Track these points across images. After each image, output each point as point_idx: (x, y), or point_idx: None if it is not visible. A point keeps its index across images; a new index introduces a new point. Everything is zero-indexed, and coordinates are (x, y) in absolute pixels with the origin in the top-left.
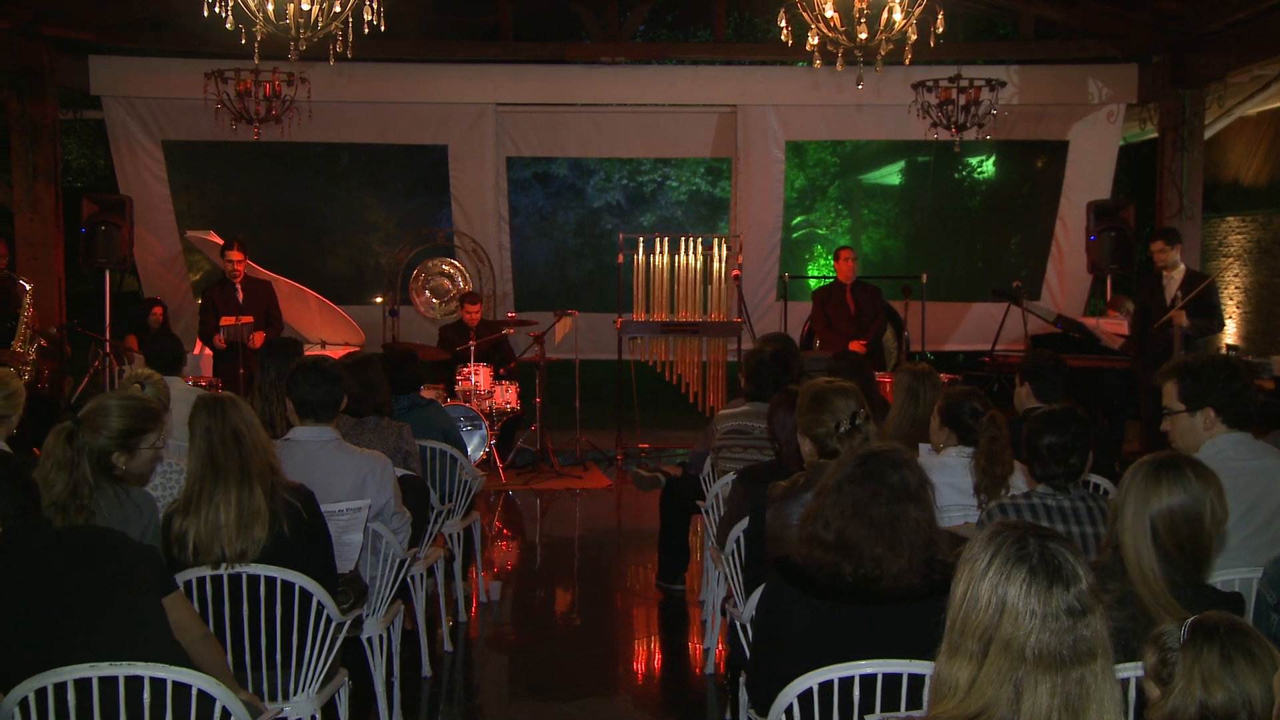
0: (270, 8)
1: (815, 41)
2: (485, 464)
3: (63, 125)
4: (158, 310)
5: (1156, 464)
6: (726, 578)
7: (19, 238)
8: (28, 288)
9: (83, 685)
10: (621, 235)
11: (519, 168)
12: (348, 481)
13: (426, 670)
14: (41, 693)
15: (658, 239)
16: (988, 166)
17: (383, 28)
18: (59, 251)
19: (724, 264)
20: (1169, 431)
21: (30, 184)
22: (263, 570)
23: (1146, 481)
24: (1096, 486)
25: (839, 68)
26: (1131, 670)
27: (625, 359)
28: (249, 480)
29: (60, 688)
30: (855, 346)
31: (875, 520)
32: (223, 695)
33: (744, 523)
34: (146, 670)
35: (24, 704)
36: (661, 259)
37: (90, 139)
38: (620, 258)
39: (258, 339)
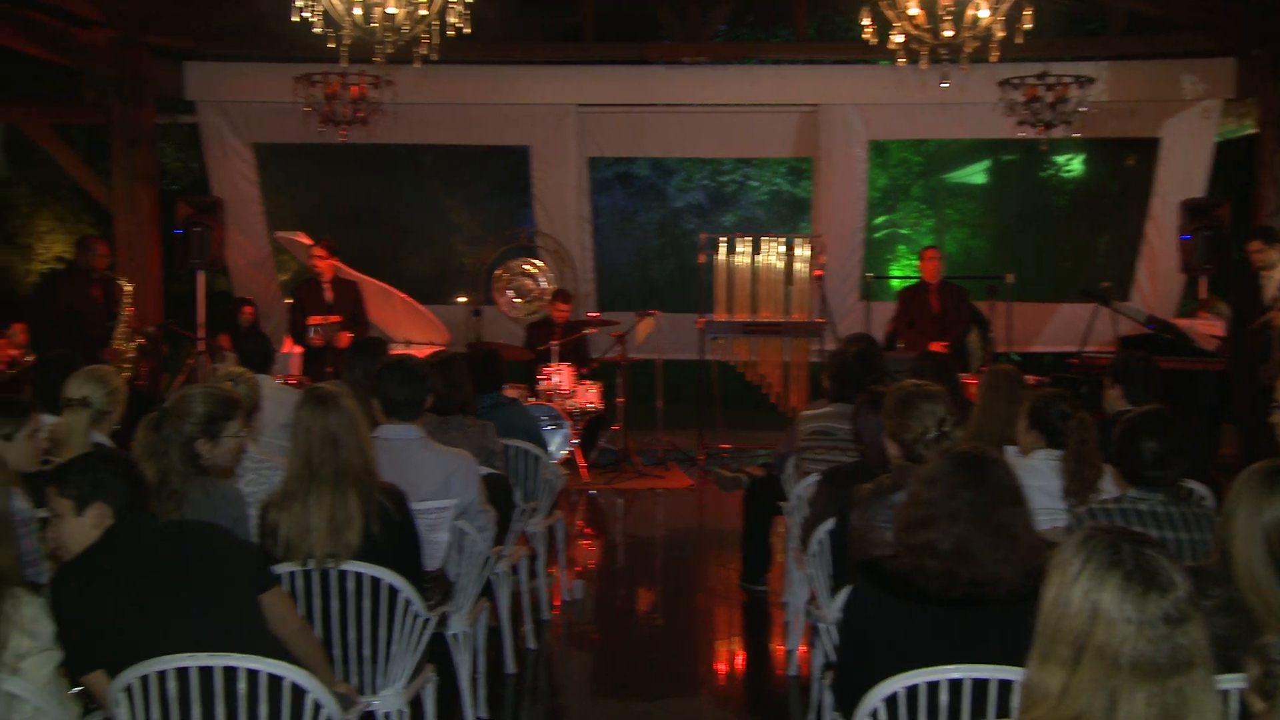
0: (358, 12)
1: (899, 40)
2: (568, 463)
3: (159, 129)
4: (248, 310)
5: (1270, 471)
6: (810, 579)
7: (119, 239)
8: (127, 287)
9: (182, 674)
10: (703, 235)
11: (600, 168)
12: (433, 479)
13: (510, 667)
14: (144, 680)
15: (739, 239)
16: (1075, 165)
17: (467, 30)
18: (156, 252)
19: (806, 264)
20: (1278, 426)
21: (129, 186)
22: (352, 566)
23: (1260, 489)
24: (1190, 491)
25: (923, 66)
26: (1234, 682)
27: (707, 359)
28: (343, 486)
29: (161, 676)
30: (936, 347)
31: (994, 526)
32: (314, 688)
33: (828, 524)
34: (242, 661)
35: (128, 690)
36: (743, 259)
37: (185, 143)
38: (702, 258)
39: (344, 338)
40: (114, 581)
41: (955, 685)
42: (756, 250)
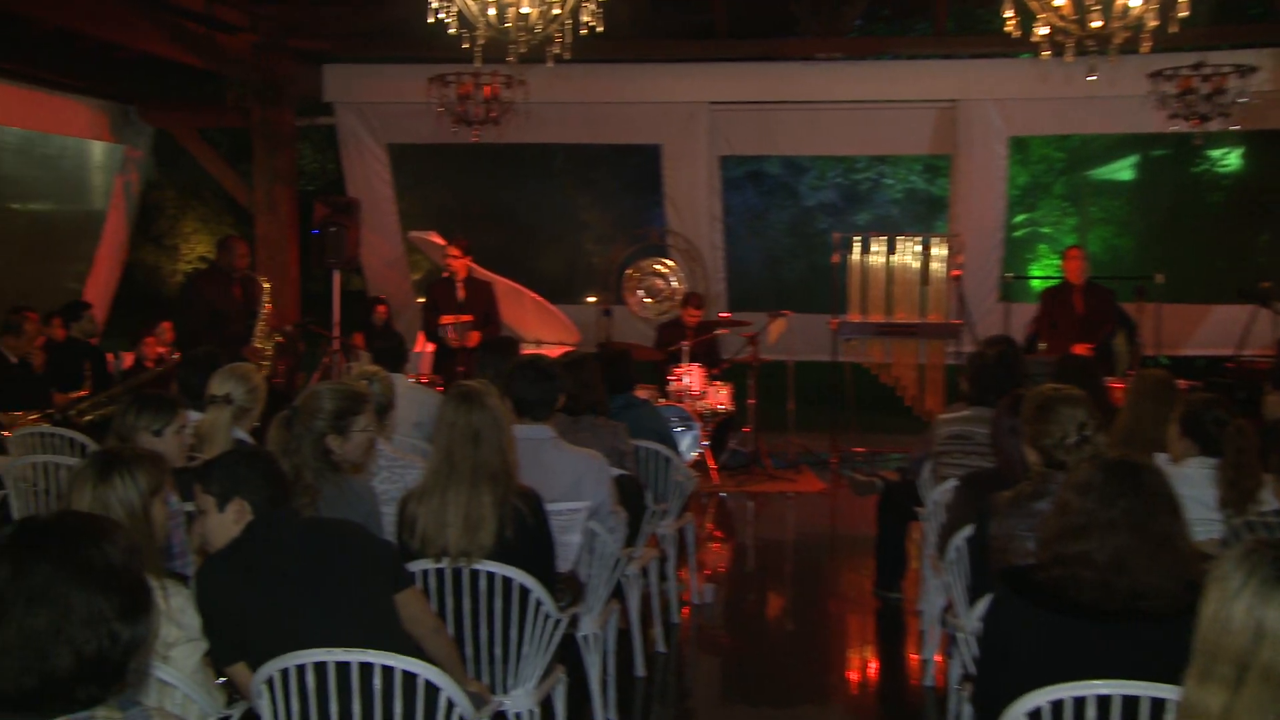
0: (492, 12)
1: (1044, 32)
2: (698, 465)
3: (298, 131)
4: (381, 309)
5: None
6: (947, 587)
7: (259, 239)
8: (266, 286)
9: (320, 669)
10: (836, 234)
11: (731, 166)
12: (564, 479)
13: (640, 670)
14: (284, 673)
15: (873, 238)
16: (1233, 159)
17: (600, 29)
18: (294, 252)
19: (942, 264)
20: None
21: (270, 187)
22: (485, 566)
23: None
24: None
25: (1069, 59)
26: None
27: (840, 361)
28: (480, 484)
29: (300, 670)
30: (1079, 350)
31: (1152, 536)
32: (448, 686)
33: (966, 531)
34: (378, 658)
35: (269, 682)
36: (878, 258)
37: (322, 144)
38: (835, 257)
39: (474, 338)
40: (254, 576)
41: (1104, 702)
42: (891, 250)
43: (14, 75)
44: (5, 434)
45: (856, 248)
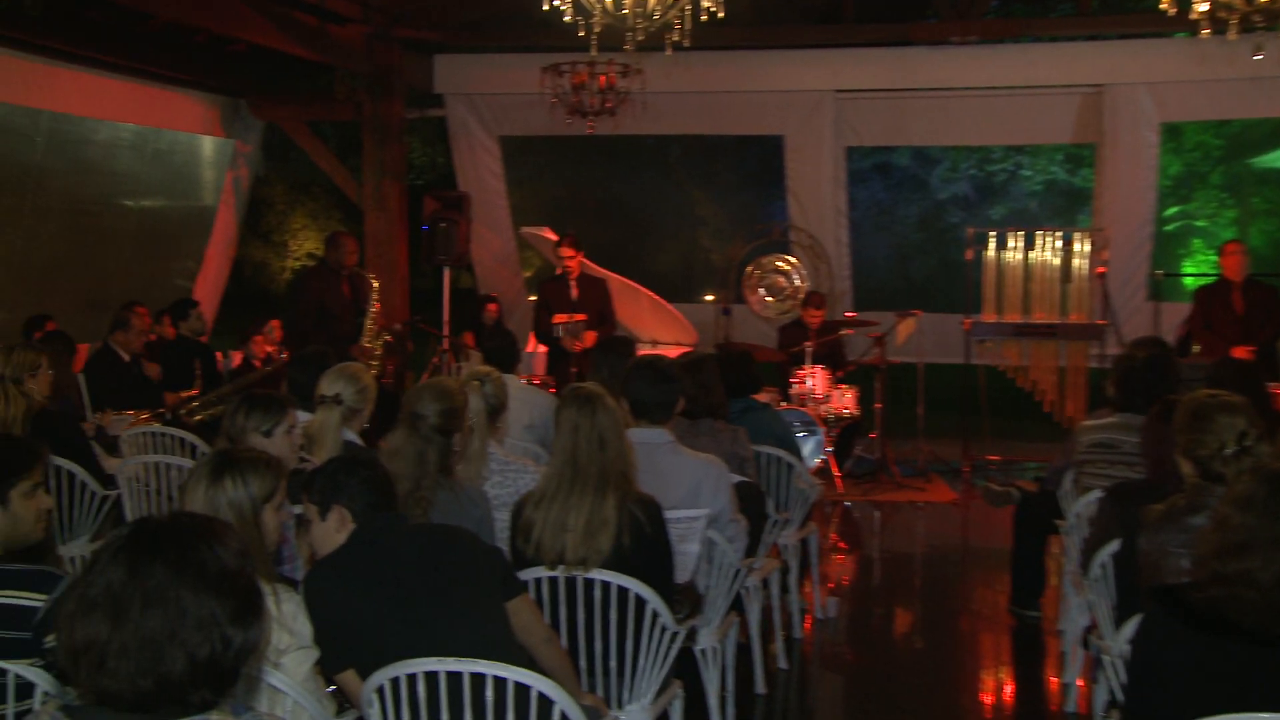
0: None
1: (1204, 8)
2: (821, 472)
3: (408, 124)
4: (492, 307)
5: None
6: (1090, 606)
7: (367, 235)
8: (375, 284)
9: (431, 678)
10: (970, 229)
11: (857, 158)
12: (683, 485)
13: (760, 686)
14: (395, 682)
15: (1010, 233)
16: None
17: (720, 14)
18: (403, 248)
19: (1085, 260)
20: None
21: (378, 182)
22: (599, 575)
23: None
24: None
25: (1231, 37)
26: None
27: (973, 363)
28: (604, 489)
29: (411, 679)
30: (1239, 353)
31: None
32: (561, 699)
33: (1112, 546)
34: (490, 669)
35: (380, 691)
36: (1014, 255)
37: (431, 137)
38: (969, 253)
39: (590, 337)
40: (361, 583)
41: None
42: (1030, 245)
43: (127, 70)
44: (103, 428)
45: (992, 243)
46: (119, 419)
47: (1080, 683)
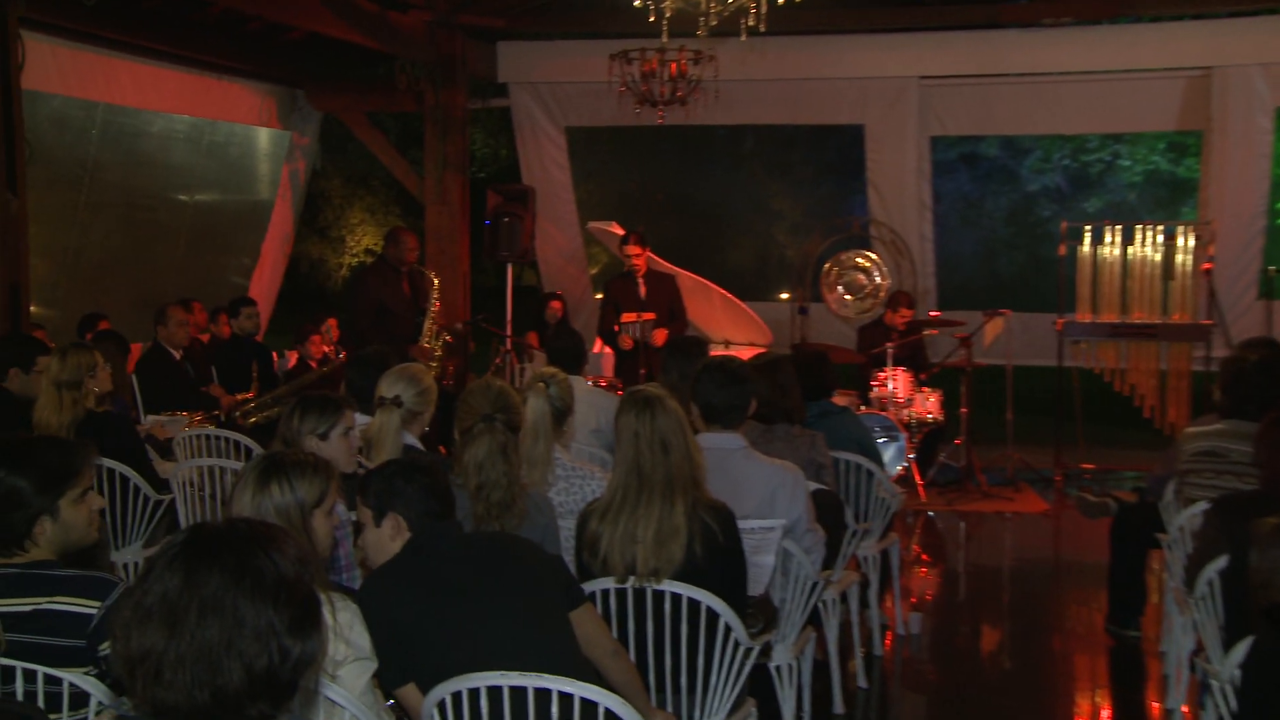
0: None
1: None
2: (903, 480)
3: (471, 114)
4: (556, 304)
5: None
6: (1196, 626)
7: (428, 230)
8: (435, 281)
9: (494, 693)
10: (1064, 223)
11: (942, 148)
12: (756, 493)
13: (839, 706)
14: (456, 697)
15: (1107, 227)
16: None
17: None
18: (465, 244)
19: (1189, 256)
20: None
21: (440, 175)
22: (670, 586)
23: None
24: None
25: None
26: None
27: (1067, 365)
28: (672, 495)
29: (474, 694)
30: None
31: None
32: (630, 716)
33: (1220, 562)
34: (555, 684)
35: (440, 706)
36: (1111, 250)
37: (494, 128)
38: (1061, 249)
39: (659, 337)
40: (419, 594)
41: None
42: (1128, 240)
43: (183, 61)
44: (143, 429)
45: (1087, 238)
46: (173, 421)
47: (1185, 709)
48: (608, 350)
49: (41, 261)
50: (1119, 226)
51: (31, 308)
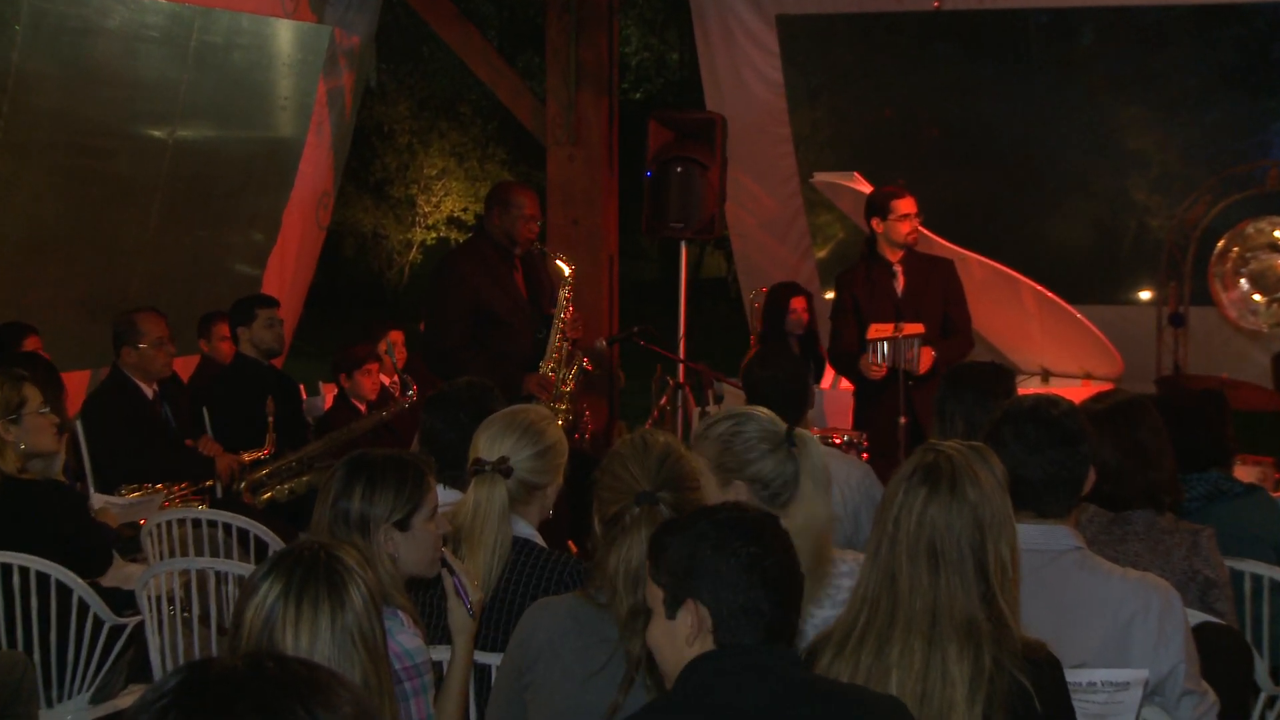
0: None
1: None
2: None
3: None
4: (799, 304)
5: None
6: None
7: (551, 188)
8: (568, 271)
9: None
10: None
11: None
12: (1098, 625)
13: None
14: None
15: None
16: None
17: None
18: (613, 209)
19: None
20: None
21: (572, 96)
22: None
23: None
24: None
25: None
26: None
27: None
28: (941, 635)
29: None
30: None
31: None
32: None
33: None
34: None
35: None
36: None
37: (657, 21)
38: None
39: (926, 358)
40: None
41: None
42: None
43: None
44: (111, 519)
45: None
46: (140, 501)
47: None
48: (843, 384)
49: None
50: None
51: None
